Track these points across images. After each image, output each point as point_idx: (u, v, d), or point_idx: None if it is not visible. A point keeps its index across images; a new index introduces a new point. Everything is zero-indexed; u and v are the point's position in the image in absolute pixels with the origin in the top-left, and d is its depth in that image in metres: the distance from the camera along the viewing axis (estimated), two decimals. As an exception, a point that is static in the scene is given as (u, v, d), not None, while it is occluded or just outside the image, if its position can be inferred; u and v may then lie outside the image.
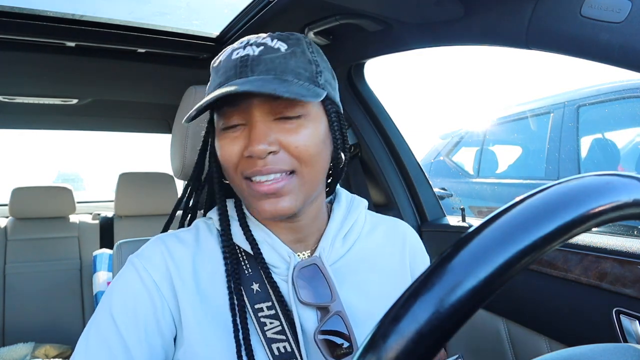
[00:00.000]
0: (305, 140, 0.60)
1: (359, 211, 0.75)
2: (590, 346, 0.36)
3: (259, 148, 0.57)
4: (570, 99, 2.94)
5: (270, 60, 0.60)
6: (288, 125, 0.60)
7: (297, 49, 0.62)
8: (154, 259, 0.64)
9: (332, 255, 0.69)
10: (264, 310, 0.63)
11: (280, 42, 0.62)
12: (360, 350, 0.26)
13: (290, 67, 0.60)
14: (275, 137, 0.59)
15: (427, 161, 4.02)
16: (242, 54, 0.61)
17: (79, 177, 6.81)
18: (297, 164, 0.60)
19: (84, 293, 2.36)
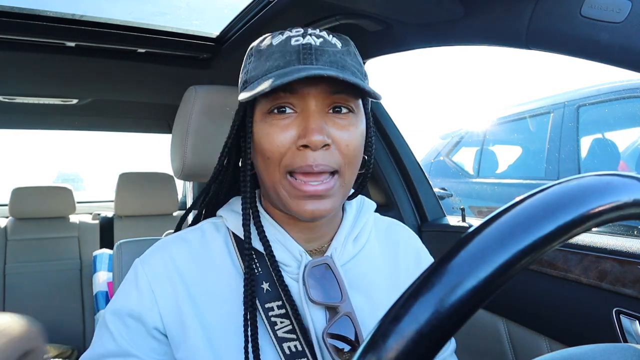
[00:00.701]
0: (354, 139, 0.60)
1: (369, 214, 0.75)
2: (590, 346, 0.36)
3: (317, 138, 0.56)
4: (570, 99, 2.94)
5: (333, 53, 0.60)
6: (340, 121, 0.60)
7: (350, 48, 0.63)
8: (156, 267, 0.65)
9: (344, 256, 0.69)
10: (275, 310, 0.63)
11: (335, 38, 0.63)
12: (360, 350, 0.26)
13: (348, 63, 0.61)
14: (329, 131, 0.58)
15: (427, 161, 4.02)
16: (302, 41, 0.60)
17: (79, 177, 6.81)
18: (343, 162, 0.60)
19: (84, 293, 2.36)
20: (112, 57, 1.55)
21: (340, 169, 0.60)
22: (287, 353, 0.61)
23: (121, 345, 0.60)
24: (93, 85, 1.90)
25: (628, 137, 2.97)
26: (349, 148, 0.59)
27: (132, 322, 0.62)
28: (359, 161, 0.63)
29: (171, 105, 2.02)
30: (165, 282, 0.63)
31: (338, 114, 0.59)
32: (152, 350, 0.62)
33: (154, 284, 0.63)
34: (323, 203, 0.59)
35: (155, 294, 0.62)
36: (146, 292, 0.63)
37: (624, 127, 2.94)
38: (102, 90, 1.99)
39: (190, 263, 0.65)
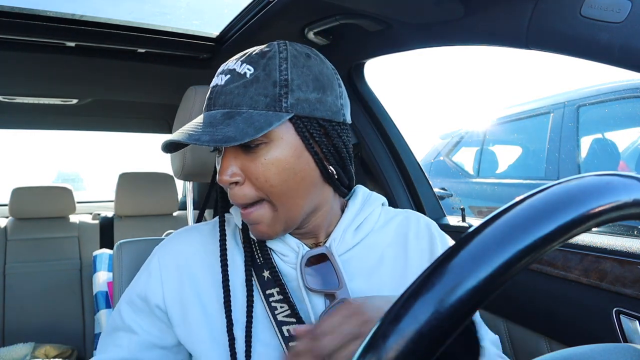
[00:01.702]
0: (265, 171, 0.61)
1: (375, 206, 0.76)
2: (590, 346, 0.36)
3: (222, 179, 0.61)
4: (570, 99, 2.94)
5: (230, 91, 0.61)
6: (250, 156, 0.61)
7: (261, 73, 0.61)
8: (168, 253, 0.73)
9: (342, 246, 0.71)
10: (275, 296, 0.67)
11: (248, 65, 0.62)
12: (360, 350, 0.26)
13: (248, 95, 0.60)
14: (241, 167, 0.62)
15: (427, 161, 4.02)
16: (214, 82, 0.64)
17: (79, 177, 6.81)
18: (264, 193, 0.62)
19: (84, 293, 2.36)
20: (112, 57, 1.55)
21: (265, 198, 0.63)
22: (286, 336, 0.65)
23: (125, 321, 0.70)
24: (93, 85, 1.90)
25: (628, 137, 2.97)
26: (259, 182, 0.61)
27: (139, 301, 0.70)
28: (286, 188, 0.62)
29: (171, 105, 2.02)
30: (172, 266, 0.71)
31: (249, 149, 0.61)
32: (153, 326, 0.70)
33: (162, 267, 0.71)
34: (260, 227, 0.64)
35: (162, 276, 0.70)
36: (154, 274, 0.71)
37: (624, 127, 2.94)
38: (102, 90, 1.99)
39: (199, 250, 0.72)
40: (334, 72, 0.68)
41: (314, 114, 0.63)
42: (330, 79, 0.66)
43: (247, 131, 0.57)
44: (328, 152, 0.66)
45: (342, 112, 0.68)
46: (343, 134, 0.68)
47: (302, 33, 1.24)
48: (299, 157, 0.63)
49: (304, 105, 0.62)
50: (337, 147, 0.67)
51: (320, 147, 0.65)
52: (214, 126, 0.59)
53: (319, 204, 0.69)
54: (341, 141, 0.67)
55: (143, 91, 2.01)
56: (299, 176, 0.63)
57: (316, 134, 0.64)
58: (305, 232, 0.71)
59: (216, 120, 0.60)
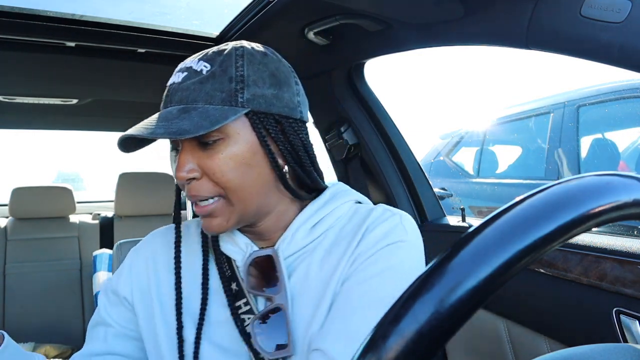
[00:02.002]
0: (222, 167, 0.61)
1: (341, 202, 0.72)
2: (590, 346, 0.36)
3: (179, 175, 0.61)
4: (570, 99, 2.94)
5: (186, 87, 0.62)
6: (207, 152, 0.61)
7: (217, 69, 0.62)
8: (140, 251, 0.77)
9: (292, 247, 0.69)
10: (242, 308, 0.68)
11: (205, 62, 0.63)
12: (360, 350, 0.26)
13: (204, 91, 0.61)
14: (198, 163, 0.62)
15: (427, 161, 4.02)
16: (171, 81, 0.65)
17: (79, 177, 6.81)
18: (220, 189, 0.62)
19: (84, 293, 2.36)
20: (112, 57, 1.55)
21: (221, 193, 0.63)
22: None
23: (101, 315, 0.75)
24: (93, 85, 1.90)
25: (628, 137, 2.97)
26: (216, 177, 0.61)
27: (112, 295, 0.75)
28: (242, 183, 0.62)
29: (171, 105, 2.02)
30: (142, 263, 0.75)
31: (206, 145, 0.61)
32: (123, 318, 0.74)
33: (133, 264, 0.76)
34: (212, 221, 0.64)
35: (132, 272, 0.75)
36: (126, 270, 0.76)
37: (624, 127, 2.94)
38: (102, 90, 1.99)
39: (168, 250, 0.75)
40: (290, 70, 0.69)
41: (270, 109, 0.63)
42: (287, 75, 0.67)
43: (202, 124, 0.57)
44: (285, 150, 0.65)
45: (299, 109, 0.68)
46: (301, 131, 0.67)
47: (302, 33, 1.24)
48: (255, 153, 0.63)
49: (260, 101, 0.63)
50: (293, 144, 0.66)
51: (277, 143, 0.65)
52: (169, 120, 0.59)
53: (273, 204, 0.68)
54: (298, 139, 0.67)
55: (143, 91, 2.01)
56: (255, 172, 0.63)
57: (272, 130, 0.64)
58: (257, 232, 0.71)
59: (172, 115, 0.60)
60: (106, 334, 0.73)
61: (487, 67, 13.48)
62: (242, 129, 0.62)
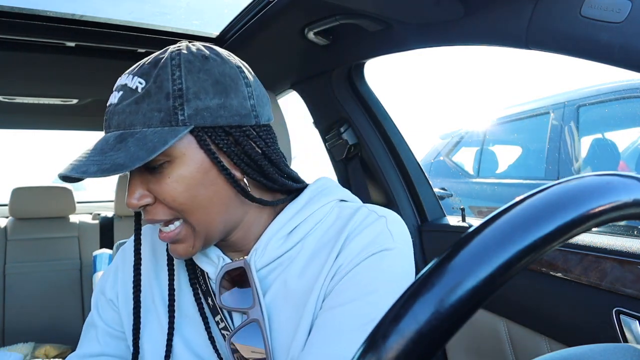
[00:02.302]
0: (171, 191, 0.56)
1: (321, 204, 0.66)
2: (590, 346, 0.36)
3: (130, 202, 0.57)
4: (570, 99, 2.94)
5: (122, 110, 0.56)
6: (155, 176, 0.57)
7: (152, 85, 0.56)
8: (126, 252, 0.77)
9: (265, 257, 0.64)
10: (219, 323, 0.66)
11: (139, 78, 0.57)
12: (360, 351, 0.26)
13: (141, 112, 0.55)
14: (148, 189, 0.58)
15: (427, 161, 4.02)
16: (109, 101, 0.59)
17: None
18: (177, 212, 0.58)
19: (84, 293, 2.36)
20: (112, 57, 1.55)
21: (179, 216, 0.59)
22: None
23: (94, 316, 0.75)
24: (93, 85, 1.90)
25: (628, 137, 2.97)
26: (167, 201, 0.57)
27: (101, 296, 0.75)
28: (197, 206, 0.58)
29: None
30: (128, 265, 0.74)
31: (153, 170, 0.57)
32: (112, 319, 0.74)
33: (119, 265, 0.75)
34: (177, 247, 0.61)
35: (117, 274, 0.75)
36: (112, 272, 0.75)
37: (624, 127, 2.94)
38: (102, 90, 1.99)
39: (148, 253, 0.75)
40: (238, 72, 0.60)
41: (217, 122, 0.57)
42: (234, 79, 0.59)
43: (139, 155, 0.52)
44: (240, 162, 0.59)
45: (253, 113, 0.60)
46: (258, 138, 0.61)
47: (302, 33, 1.24)
48: (206, 171, 0.58)
49: (204, 115, 0.56)
50: (249, 154, 0.60)
51: (230, 157, 0.59)
52: (104, 153, 0.54)
53: (239, 217, 0.63)
54: (255, 146, 0.61)
55: (143, 91, 2.01)
56: (210, 191, 0.58)
57: (222, 144, 0.58)
58: (228, 244, 0.67)
59: (107, 145, 0.55)
60: (98, 334, 0.73)
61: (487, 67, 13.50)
62: (188, 148, 0.57)
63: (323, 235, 0.65)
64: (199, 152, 0.57)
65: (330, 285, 0.60)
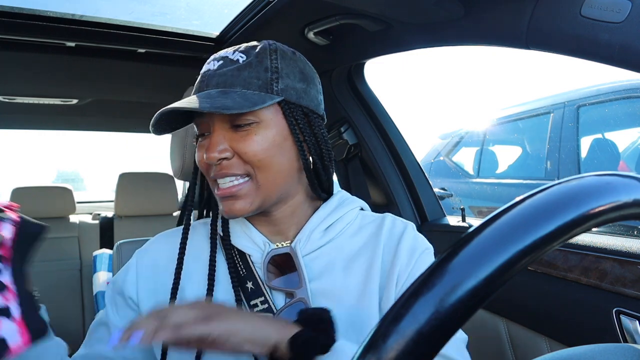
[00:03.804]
0: (254, 147, 0.65)
1: (349, 209, 0.77)
2: (590, 346, 0.36)
3: (211, 155, 0.64)
4: (570, 99, 2.94)
5: (223, 73, 0.66)
6: (240, 133, 0.65)
7: (254, 59, 0.67)
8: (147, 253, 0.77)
9: (308, 246, 0.72)
10: (259, 306, 0.69)
11: (241, 54, 0.67)
12: (360, 350, 0.26)
13: (242, 77, 0.65)
14: (230, 145, 0.65)
15: (427, 161, 4.02)
16: (205, 68, 0.69)
17: (79, 177, 6.80)
18: (250, 168, 0.66)
19: (84, 293, 2.36)
20: (112, 57, 1.55)
21: (249, 173, 0.66)
22: None
23: (107, 317, 0.75)
24: (93, 85, 1.90)
25: (628, 137, 2.97)
26: (248, 156, 0.65)
27: (118, 297, 0.75)
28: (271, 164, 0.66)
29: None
30: (149, 264, 0.75)
31: (239, 128, 0.65)
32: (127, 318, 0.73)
33: (139, 265, 0.75)
34: (236, 204, 0.66)
35: (137, 272, 0.75)
36: (132, 271, 0.75)
37: (624, 127, 2.94)
38: (102, 90, 1.99)
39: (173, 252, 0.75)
40: (314, 72, 0.75)
41: (300, 101, 0.69)
42: (313, 75, 0.73)
43: (244, 104, 0.61)
44: (310, 141, 0.70)
45: (321, 106, 0.74)
46: (323, 128, 0.73)
47: (302, 33, 1.24)
48: (284, 139, 0.68)
49: (291, 92, 0.68)
50: (317, 138, 0.71)
51: (304, 134, 0.69)
52: (211, 98, 0.62)
53: (292, 194, 0.72)
54: (322, 134, 0.72)
55: (143, 91, 2.01)
56: (283, 156, 0.67)
57: (300, 121, 0.69)
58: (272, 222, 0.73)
59: (211, 96, 0.63)
60: (108, 334, 0.74)
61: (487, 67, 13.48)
62: (275, 115, 0.67)
63: (355, 236, 0.75)
64: (282, 121, 0.68)
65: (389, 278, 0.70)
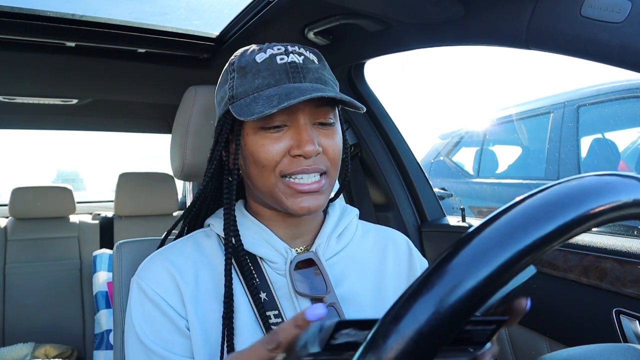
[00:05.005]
0: (338, 145, 0.68)
1: (351, 217, 0.80)
2: (590, 346, 0.36)
3: (311, 149, 0.63)
4: (570, 99, 2.94)
5: (315, 69, 0.67)
6: (326, 130, 0.67)
7: (324, 62, 0.70)
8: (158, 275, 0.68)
9: (328, 252, 0.73)
10: (272, 318, 0.66)
11: (311, 54, 0.69)
12: (360, 350, 0.26)
13: (327, 77, 0.68)
14: (318, 140, 0.65)
15: (427, 161, 4.02)
16: (287, 60, 0.66)
17: (79, 177, 6.80)
18: (330, 165, 0.68)
19: (84, 293, 2.36)
20: (112, 57, 1.55)
21: (328, 170, 0.68)
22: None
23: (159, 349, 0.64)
24: (93, 85, 1.90)
25: (628, 137, 2.97)
26: (334, 153, 0.67)
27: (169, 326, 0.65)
28: (340, 162, 0.70)
29: (171, 105, 2.02)
30: (170, 285, 0.67)
31: (323, 125, 0.67)
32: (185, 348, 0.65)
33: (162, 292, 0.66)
34: (317, 199, 0.66)
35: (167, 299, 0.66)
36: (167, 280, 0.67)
37: (624, 127, 2.94)
38: (102, 90, 1.99)
39: (188, 263, 0.69)
40: None
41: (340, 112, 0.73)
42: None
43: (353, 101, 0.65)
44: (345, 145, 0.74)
45: None
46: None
47: (302, 33, 1.24)
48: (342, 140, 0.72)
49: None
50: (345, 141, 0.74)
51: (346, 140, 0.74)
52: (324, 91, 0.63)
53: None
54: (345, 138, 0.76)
55: (143, 91, 2.01)
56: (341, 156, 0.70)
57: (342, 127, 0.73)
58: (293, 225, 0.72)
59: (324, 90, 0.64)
60: None
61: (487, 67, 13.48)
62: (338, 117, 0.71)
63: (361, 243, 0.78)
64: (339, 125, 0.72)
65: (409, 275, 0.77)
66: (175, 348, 0.65)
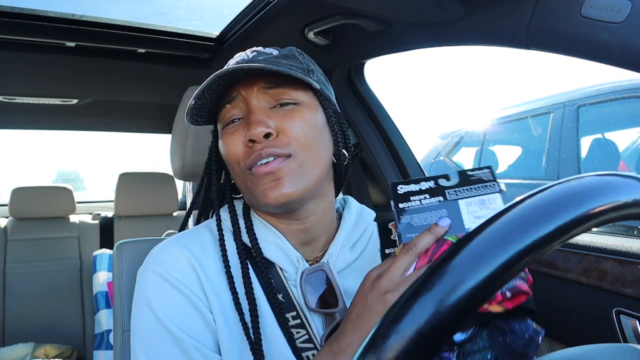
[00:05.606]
0: (301, 125, 0.63)
1: (368, 221, 0.76)
2: (590, 346, 0.36)
3: (257, 130, 0.60)
4: (570, 99, 2.94)
5: (264, 59, 0.65)
6: (283, 111, 0.63)
7: (288, 53, 0.68)
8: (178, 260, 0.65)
9: (340, 262, 0.69)
10: (290, 320, 0.65)
11: (272, 49, 0.68)
12: (360, 350, 0.26)
13: (283, 62, 0.65)
14: (273, 123, 0.62)
15: (427, 161, 4.02)
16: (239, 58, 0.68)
17: (79, 177, 6.80)
18: (294, 147, 0.62)
19: (84, 293, 2.36)
20: (112, 57, 1.55)
21: (292, 152, 0.62)
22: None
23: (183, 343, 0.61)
24: (93, 85, 1.90)
25: (628, 137, 2.97)
26: (295, 132, 0.62)
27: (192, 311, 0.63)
28: (314, 145, 0.64)
29: (171, 105, 2.02)
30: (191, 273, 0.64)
31: (279, 107, 0.64)
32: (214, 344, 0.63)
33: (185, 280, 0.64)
34: (283, 186, 0.61)
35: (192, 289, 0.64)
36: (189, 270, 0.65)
37: (624, 127, 2.94)
38: (102, 90, 1.99)
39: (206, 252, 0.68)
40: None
41: (330, 98, 0.70)
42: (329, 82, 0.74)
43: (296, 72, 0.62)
44: (341, 137, 0.70)
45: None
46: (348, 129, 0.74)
47: (302, 33, 1.24)
48: (322, 125, 0.67)
49: (323, 87, 0.68)
50: (345, 137, 0.71)
51: (335, 130, 0.69)
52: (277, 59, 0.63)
53: (325, 192, 0.69)
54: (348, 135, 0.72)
55: (143, 91, 2.01)
56: (323, 143, 0.66)
57: (333, 116, 0.69)
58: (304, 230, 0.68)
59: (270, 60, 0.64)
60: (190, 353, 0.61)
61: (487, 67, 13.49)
62: (313, 101, 0.67)
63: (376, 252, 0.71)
64: (319, 109, 0.67)
65: None
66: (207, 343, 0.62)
